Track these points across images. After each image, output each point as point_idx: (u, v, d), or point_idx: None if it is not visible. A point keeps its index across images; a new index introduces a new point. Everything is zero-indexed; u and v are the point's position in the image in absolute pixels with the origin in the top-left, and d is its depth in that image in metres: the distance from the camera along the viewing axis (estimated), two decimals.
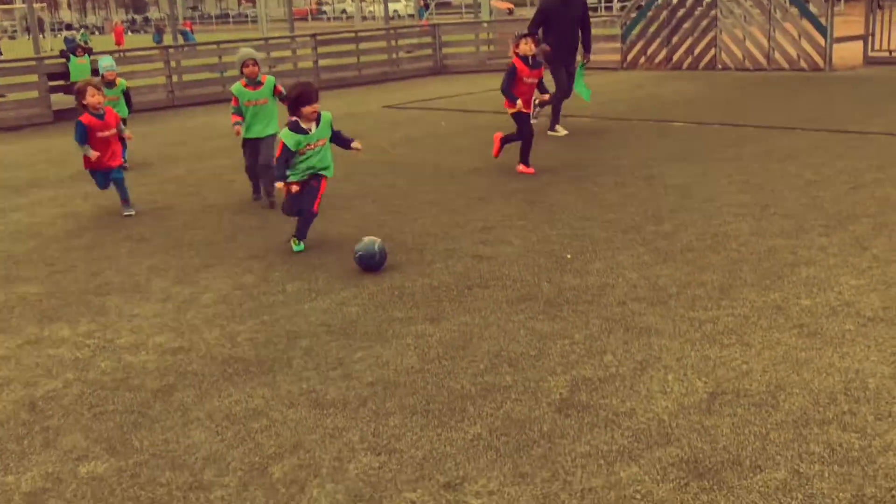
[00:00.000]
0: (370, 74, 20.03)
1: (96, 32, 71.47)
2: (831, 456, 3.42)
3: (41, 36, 37.28)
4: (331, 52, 20.17)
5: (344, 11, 66.83)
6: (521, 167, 9.06)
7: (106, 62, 10.71)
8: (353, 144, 6.74)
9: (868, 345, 4.40)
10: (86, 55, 15.40)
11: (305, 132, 6.39)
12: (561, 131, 11.39)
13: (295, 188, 6.43)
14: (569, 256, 6.17)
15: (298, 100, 6.33)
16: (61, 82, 15.71)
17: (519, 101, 8.77)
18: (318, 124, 6.44)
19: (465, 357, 4.58)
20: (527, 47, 8.87)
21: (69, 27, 72.75)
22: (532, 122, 10.66)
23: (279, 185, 6.40)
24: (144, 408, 4.22)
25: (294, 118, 6.38)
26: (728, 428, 3.69)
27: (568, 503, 3.22)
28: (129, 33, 63.94)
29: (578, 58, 11.60)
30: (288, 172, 6.45)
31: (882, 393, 3.90)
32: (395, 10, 54.92)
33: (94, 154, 7.87)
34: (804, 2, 16.72)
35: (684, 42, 17.92)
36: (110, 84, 10.50)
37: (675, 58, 18.08)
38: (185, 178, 9.98)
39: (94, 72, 13.50)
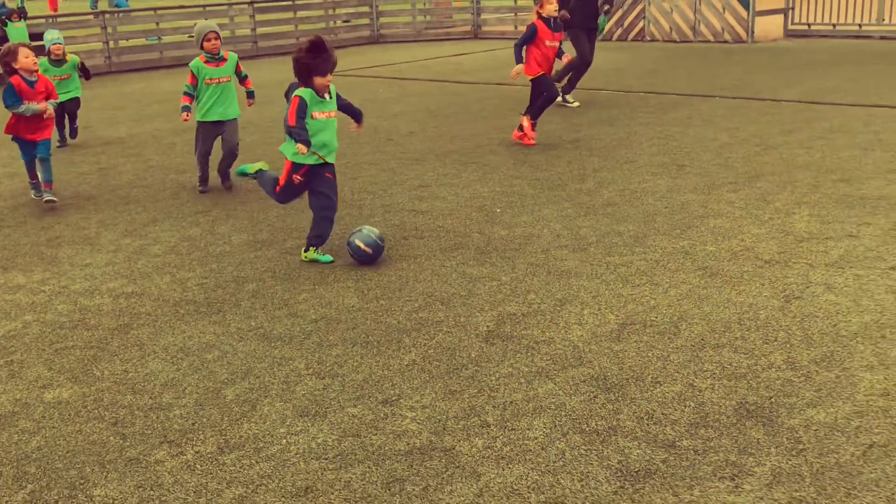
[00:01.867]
0: None
1: None
2: (722, 372, 3.91)
3: None
4: (269, 20, 20.22)
5: None
6: (525, 120, 8.73)
7: (52, 35, 9.33)
8: (354, 127, 5.96)
9: (762, 283, 4.93)
10: (21, 20, 15.27)
11: (322, 97, 5.44)
12: (573, 102, 10.91)
13: (298, 179, 5.57)
14: (498, 210, 6.60)
15: (310, 68, 5.30)
16: None
17: (516, 67, 8.45)
18: (329, 95, 5.50)
19: (401, 297, 4.98)
20: (551, 7, 8.45)
21: None
22: (573, 104, 10.69)
23: (302, 148, 5.30)
24: (103, 343, 4.53)
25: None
26: (634, 352, 4.16)
27: (491, 413, 3.66)
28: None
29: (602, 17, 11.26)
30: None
31: (771, 322, 4.41)
32: None
33: (41, 106, 6.94)
34: None
35: (614, 14, 18.45)
36: (59, 62, 9.31)
37: (605, 29, 18.59)
38: (126, 140, 10.15)
39: (34, 37, 13.42)
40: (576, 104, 10.93)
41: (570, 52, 10.64)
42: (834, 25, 17.64)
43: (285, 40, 19.99)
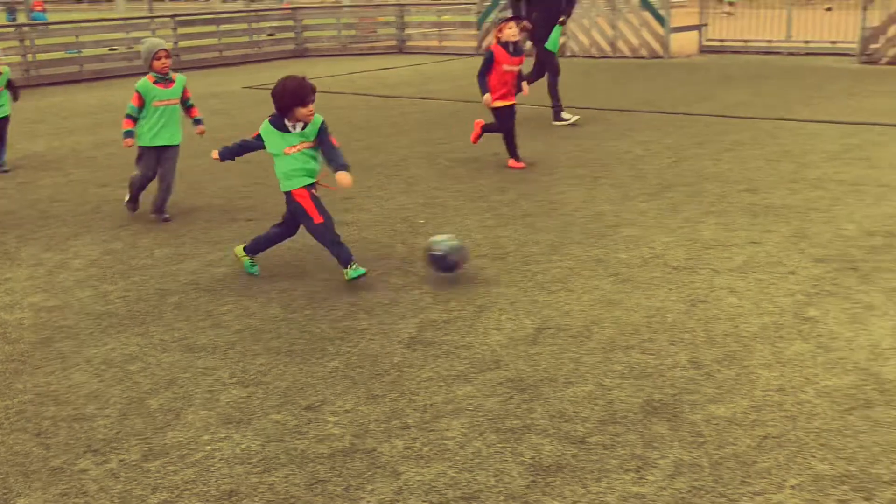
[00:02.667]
0: (231, 56, 20.08)
1: None
2: (630, 372, 4.12)
3: None
4: (191, 34, 20.09)
5: None
6: (511, 162, 8.52)
7: None
8: (339, 178, 5.32)
9: (670, 288, 5.17)
10: None
11: (286, 130, 5.33)
12: (571, 117, 10.68)
13: (315, 191, 5.49)
14: (422, 221, 6.75)
15: (294, 98, 5.23)
16: None
17: (486, 95, 8.26)
18: (304, 126, 5.35)
19: (325, 307, 5.09)
20: (510, 32, 8.23)
21: None
22: (574, 118, 10.52)
23: (214, 153, 5.69)
24: (25, 357, 4.53)
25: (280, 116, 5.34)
26: (548, 354, 4.34)
27: (412, 415, 3.79)
28: None
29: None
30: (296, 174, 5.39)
31: (677, 324, 4.65)
32: None
33: None
34: None
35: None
36: None
37: (527, 44, 18.95)
38: (45, 154, 10.02)
39: None
40: (574, 118, 10.68)
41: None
42: (746, 41, 18.32)
43: (208, 53, 19.88)
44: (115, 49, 18.87)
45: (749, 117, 10.69)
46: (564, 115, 10.79)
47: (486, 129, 8.76)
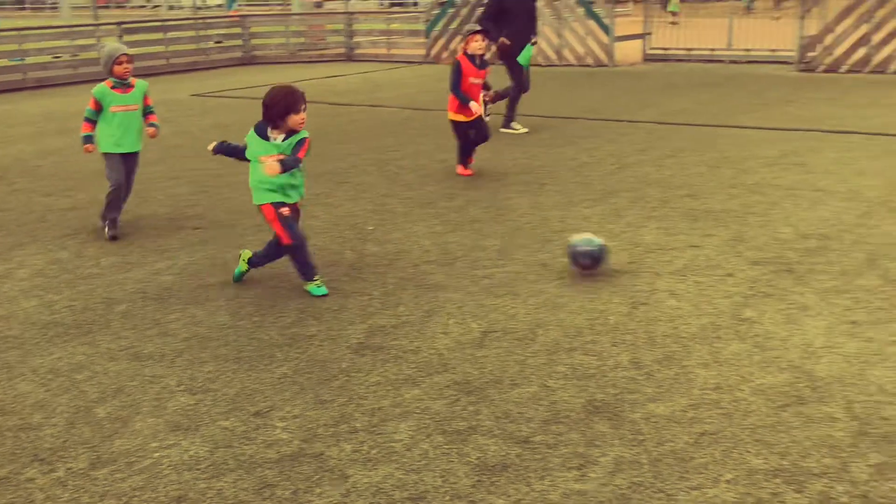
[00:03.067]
0: (179, 63, 19.92)
1: None
2: (573, 373, 4.22)
3: None
4: (138, 41, 19.89)
5: (149, 0, 64.60)
6: (460, 169, 8.53)
7: None
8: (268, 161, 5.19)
9: (613, 291, 5.30)
10: None
11: (266, 138, 5.29)
12: (519, 129, 10.83)
13: (286, 210, 5.35)
14: (370, 228, 6.81)
15: (287, 106, 5.19)
16: None
17: (472, 103, 8.22)
18: (287, 137, 5.30)
19: (273, 314, 5.12)
20: (477, 45, 8.27)
21: None
22: (486, 118, 10.69)
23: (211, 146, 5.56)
24: None
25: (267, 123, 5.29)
26: (494, 357, 4.43)
27: (360, 419, 3.84)
28: None
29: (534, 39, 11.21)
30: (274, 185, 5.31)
31: (619, 326, 4.77)
32: (204, 0, 53.77)
33: None
34: (589, 3, 18.17)
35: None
36: None
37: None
38: None
39: None
40: (523, 130, 10.82)
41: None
42: (689, 50, 18.69)
43: (155, 61, 19.69)
44: (59, 57, 18.60)
45: (691, 124, 10.93)
46: (515, 125, 10.91)
47: (462, 159, 8.58)
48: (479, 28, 8.57)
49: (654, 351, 4.43)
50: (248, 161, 5.41)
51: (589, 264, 5.55)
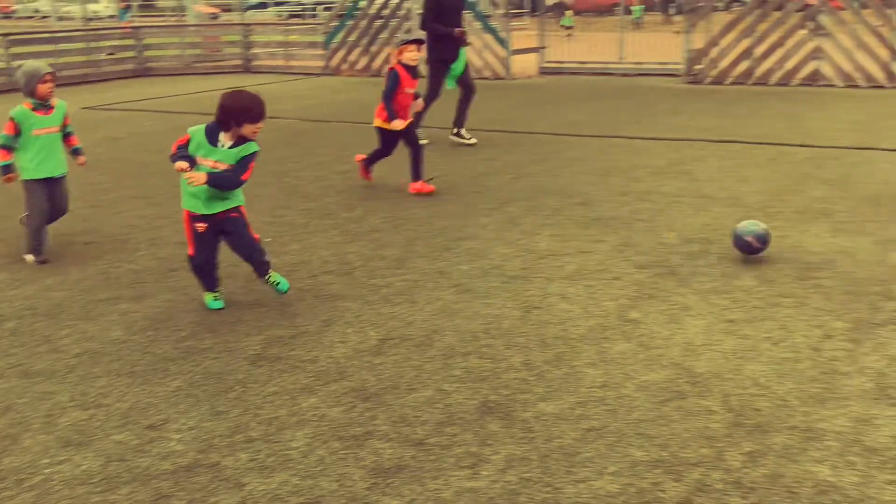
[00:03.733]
0: (69, 76, 19.36)
1: None
2: (468, 376, 4.34)
3: None
4: (26, 53, 19.27)
5: (37, 11, 62.51)
6: (418, 185, 8.24)
7: None
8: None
9: (507, 296, 5.45)
10: None
11: (214, 143, 5.09)
12: (468, 138, 10.77)
13: (202, 227, 5.20)
14: (268, 240, 6.79)
15: (247, 114, 5.06)
16: None
17: (396, 121, 8.07)
18: (234, 146, 5.12)
19: (168, 328, 5.08)
20: (412, 55, 8.18)
21: None
22: (471, 141, 10.61)
23: (180, 165, 4.97)
24: None
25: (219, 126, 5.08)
26: (391, 364, 4.51)
27: (256, 429, 3.87)
28: None
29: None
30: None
31: (512, 330, 4.91)
32: (95, 11, 52.35)
33: None
34: (486, 17, 18.50)
35: (382, 51, 19.12)
36: None
37: (374, 65, 19.24)
38: None
39: None
40: (473, 141, 10.75)
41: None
42: (582, 63, 19.21)
43: None
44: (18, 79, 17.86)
45: (584, 135, 11.26)
46: (464, 132, 10.92)
47: (369, 161, 8.55)
48: (412, 38, 8.49)
49: (546, 352, 4.59)
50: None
51: (759, 247, 5.95)
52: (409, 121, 8.26)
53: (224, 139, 5.09)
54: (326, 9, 31.58)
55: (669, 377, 4.26)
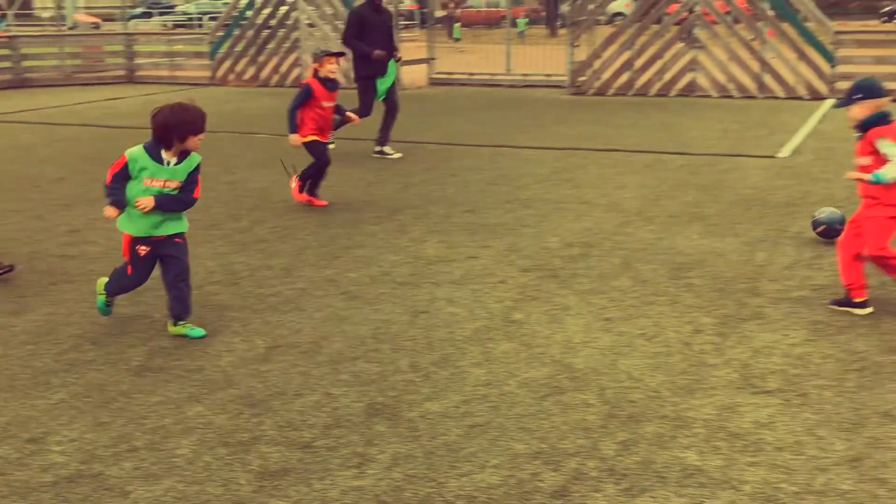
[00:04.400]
0: None
1: None
2: (356, 380, 4.41)
3: None
4: None
5: None
6: (304, 195, 8.09)
7: None
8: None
9: (395, 302, 5.54)
10: None
11: (160, 161, 4.88)
12: (391, 153, 10.68)
13: (144, 250, 4.99)
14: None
15: (188, 126, 4.83)
16: None
17: (293, 136, 7.91)
18: (179, 161, 4.93)
19: (49, 341, 4.97)
20: (332, 68, 7.99)
21: None
22: (396, 155, 10.45)
23: (109, 210, 4.90)
24: None
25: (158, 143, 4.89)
26: (279, 371, 4.54)
27: (141, 438, 3.84)
28: None
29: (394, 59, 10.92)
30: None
31: (400, 334, 5.01)
32: None
33: None
34: None
35: (270, 61, 18.99)
36: None
37: (262, 75, 19.09)
38: None
39: None
40: (397, 155, 10.66)
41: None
42: (471, 74, 19.52)
43: None
44: None
45: (472, 144, 11.47)
46: (388, 148, 10.82)
47: (304, 178, 8.13)
48: (333, 51, 8.37)
49: (432, 354, 4.70)
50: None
51: (839, 228, 6.22)
52: (311, 138, 7.99)
53: (167, 156, 4.89)
54: (212, 18, 31.12)
55: (550, 373, 4.43)
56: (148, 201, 4.81)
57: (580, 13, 17.24)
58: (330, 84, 8.00)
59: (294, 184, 8.17)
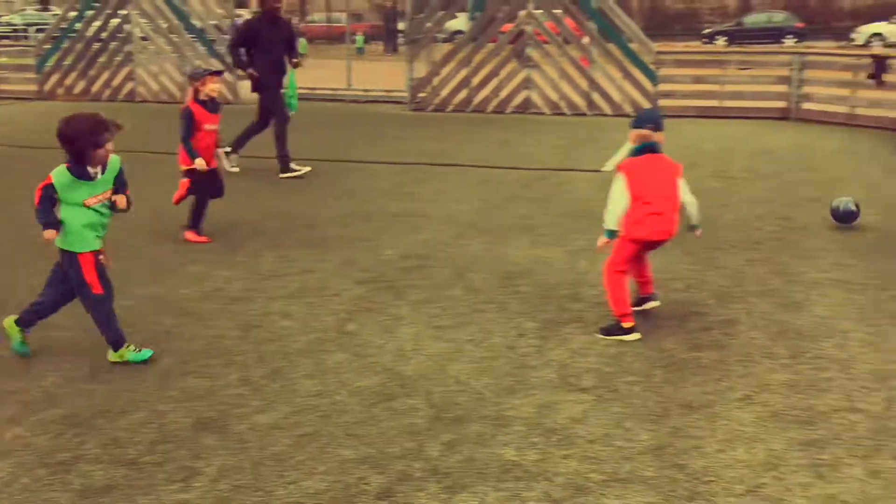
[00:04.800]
0: None
1: None
2: (184, 396, 4.39)
3: None
4: None
5: None
6: (191, 234, 7.45)
7: None
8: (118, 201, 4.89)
9: (229, 317, 5.52)
10: None
11: (90, 178, 4.70)
12: (301, 169, 10.33)
13: (103, 258, 4.88)
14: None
15: (88, 139, 4.61)
16: None
17: (199, 160, 7.26)
18: (104, 170, 4.76)
19: None
20: (213, 86, 7.41)
21: None
22: (233, 169, 9.90)
23: (48, 234, 4.68)
24: None
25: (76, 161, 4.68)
26: (105, 390, 4.47)
27: None
28: None
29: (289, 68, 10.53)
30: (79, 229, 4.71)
31: (231, 349, 5.00)
32: None
33: None
34: (211, 42, 18.31)
35: (101, 74, 18.36)
36: None
37: (93, 89, 18.42)
38: None
39: None
40: (304, 170, 10.38)
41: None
42: (312, 89, 19.48)
43: None
44: None
45: (314, 159, 11.47)
46: (294, 165, 10.50)
47: (193, 222, 7.53)
48: (213, 69, 7.90)
49: (263, 368, 4.73)
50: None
51: (856, 212, 7.59)
52: (213, 165, 7.55)
53: (92, 170, 4.72)
54: (40, 30, 29.75)
55: (381, 381, 4.55)
56: (121, 199, 4.83)
57: (418, 31, 17.57)
58: (211, 105, 7.48)
59: (189, 236, 7.52)
